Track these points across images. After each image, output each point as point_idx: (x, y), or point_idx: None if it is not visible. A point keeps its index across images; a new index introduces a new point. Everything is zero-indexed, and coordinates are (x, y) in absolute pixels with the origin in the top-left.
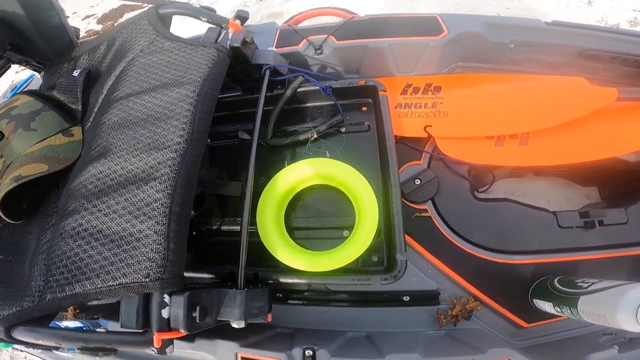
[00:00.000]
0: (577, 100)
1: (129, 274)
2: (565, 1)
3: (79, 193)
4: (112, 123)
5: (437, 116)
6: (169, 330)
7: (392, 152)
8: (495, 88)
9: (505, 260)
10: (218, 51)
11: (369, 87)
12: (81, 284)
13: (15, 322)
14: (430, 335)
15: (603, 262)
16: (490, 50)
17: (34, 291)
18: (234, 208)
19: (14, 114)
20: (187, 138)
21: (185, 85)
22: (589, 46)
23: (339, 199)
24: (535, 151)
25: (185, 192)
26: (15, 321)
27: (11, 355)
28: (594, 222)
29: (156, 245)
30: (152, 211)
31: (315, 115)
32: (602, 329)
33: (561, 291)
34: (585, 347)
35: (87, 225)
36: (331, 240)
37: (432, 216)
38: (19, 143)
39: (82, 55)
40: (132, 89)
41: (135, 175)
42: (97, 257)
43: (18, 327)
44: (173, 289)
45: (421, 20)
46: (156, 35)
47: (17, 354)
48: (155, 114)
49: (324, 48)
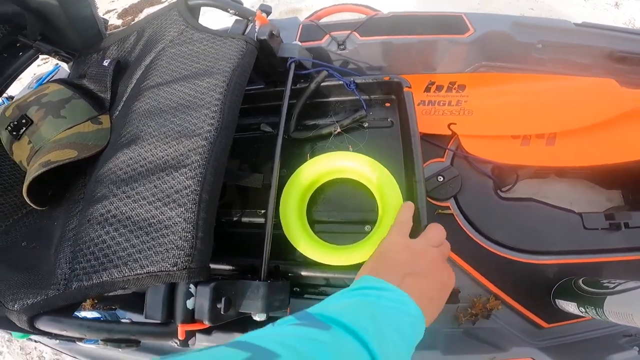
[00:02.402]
0: (607, 102)
1: (157, 262)
2: (592, 3)
3: (108, 179)
4: (142, 111)
5: (461, 114)
6: (193, 322)
7: (418, 149)
8: (523, 87)
9: (528, 260)
10: (247, 43)
11: (394, 83)
12: (108, 272)
13: (39, 312)
14: (448, 333)
15: (628, 265)
16: (516, 50)
17: (60, 279)
18: (254, 200)
19: (44, 101)
20: (217, 126)
21: (215, 75)
22: (619, 48)
23: (362, 193)
24: (562, 152)
25: (215, 180)
26: (39, 310)
27: (21, 346)
28: (619, 224)
29: (185, 233)
30: (181, 198)
31: (337, 110)
32: (622, 331)
33: (586, 291)
34: (605, 348)
35: (115, 211)
36: (352, 235)
37: (454, 213)
38: (47, 129)
39: (111, 45)
40: (163, 78)
41: (165, 162)
42: (125, 244)
43: (42, 317)
44: (199, 278)
45: (446, 18)
46: (186, 26)
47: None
48: (186, 103)
49: (347, 44)
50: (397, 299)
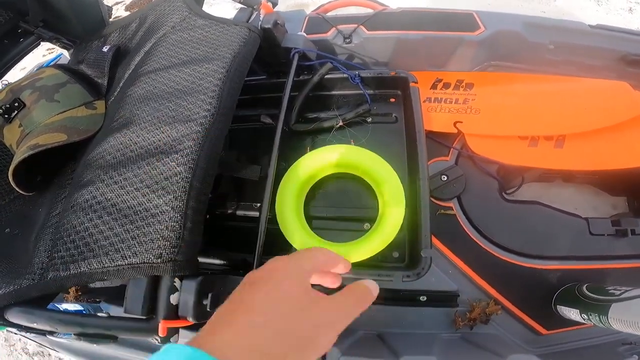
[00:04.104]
0: (619, 105)
1: (140, 253)
2: (605, 7)
3: (96, 164)
4: (137, 96)
5: (468, 112)
6: (177, 318)
7: (422, 145)
8: (533, 88)
9: (531, 264)
10: (250, 30)
11: (400, 78)
12: (87, 262)
13: (10, 303)
14: (445, 338)
15: (633, 272)
16: (527, 50)
17: (36, 268)
18: (251, 193)
19: (38, 85)
20: (213, 112)
21: (215, 61)
22: (633, 51)
23: (362, 189)
24: (571, 155)
25: (208, 168)
26: (10, 301)
27: (5, 337)
28: (626, 230)
29: (172, 223)
30: (171, 185)
31: (340, 104)
32: (621, 338)
33: (591, 298)
34: (604, 356)
35: (101, 197)
36: (350, 233)
37: (457, 214)
38: (39, 113)
39: (113, 32)
40: (161, 64)
41: (157, 147)
42: (108, 232)
43: (12, 308)
44: (185, 272)
45: (456, 16)
46: (189, 12)
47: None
48: (183, 88)
49: (353, 38)
50: None
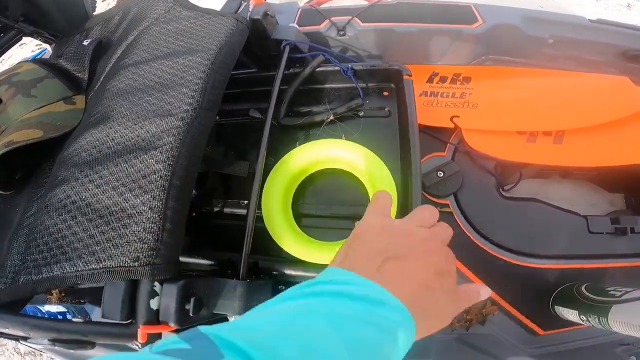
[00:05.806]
0: (620, 100)
1: (116, 256)
2: (604, 3)
3: (71, 161)
4: (116, 90)
5: (465, 107)
6: (158, 323)
7: (415, 139)
8: (532, 82)
9: (528, 263)
10: (237, 21)
11: (393, 71)
12: (60, 265)
13: None
14: (441, 339)
15: (632, 271)
16: (526, 44)
17: (8, 272)
18: (239, 190)
19: (14, 80)
20: (195, 106)
21: (199, 53)
22: (633, 46)
23: (352, 185)
24: (570, 150)
25: (189, 165)
26: None
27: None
28: (625, 228)
29: (150, 224)
30: (149, 184)
31: (332, 98)
32: (618, 339)
33: (590, 299)
34: (601, 357)
35: (75, 197)
36: (341, 231)
37: (453, 212)
38: (16, 109)
39: (96, 26)
40: (142, 57)
41: (135, 144)
42: (82, 234)
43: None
44: (165, 276)
45: (453, 8)
46: (173, 4)
47: None
48: (164, 82)
49: (347, 30)
50: (366, 298)
